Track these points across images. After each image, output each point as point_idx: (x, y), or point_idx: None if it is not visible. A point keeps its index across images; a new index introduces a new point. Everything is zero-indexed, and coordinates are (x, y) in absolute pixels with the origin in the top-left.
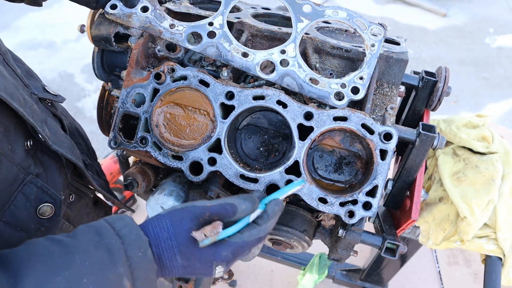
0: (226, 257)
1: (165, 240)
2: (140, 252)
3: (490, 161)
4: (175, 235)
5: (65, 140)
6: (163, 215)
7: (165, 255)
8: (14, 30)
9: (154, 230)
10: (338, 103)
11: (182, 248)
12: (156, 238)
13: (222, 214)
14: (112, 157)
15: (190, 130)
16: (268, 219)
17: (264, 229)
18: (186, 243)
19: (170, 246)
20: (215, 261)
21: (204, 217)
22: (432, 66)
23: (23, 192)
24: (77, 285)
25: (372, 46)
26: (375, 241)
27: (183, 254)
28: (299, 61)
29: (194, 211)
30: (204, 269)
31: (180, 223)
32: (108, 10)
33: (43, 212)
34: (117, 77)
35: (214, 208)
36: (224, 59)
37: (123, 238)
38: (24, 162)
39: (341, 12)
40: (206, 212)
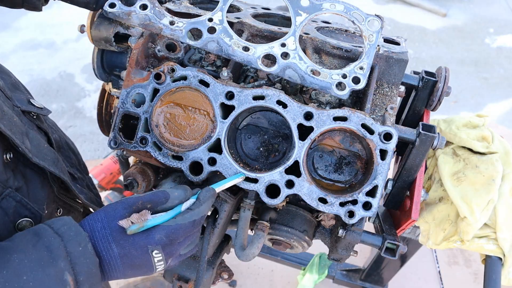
0: (160, 240)
1: (99, 230)
2: (80, 247)
3: (490, 161)
4: (108, 224)
5: (49, 153)
6: (99, 209)
7: (101, 245)
8: (14, 30)
9: (89, 223)
10: (340, 93)
11: (115, 234)
12: (91, 230)
13: (154, 201)
14: (112, 157)
15: (190, 130)
16: (200, 204)
17: (197, 213)
18: (119, 229)
19: (104, 235)
20: (149, 245)
21: (137, 205)
22: (432, 66)
23: (0, 206)
24: (17, 282)
25: (370, 36)
26: (375, 241)
27: (117, 241)
28: (299, 54)
29: (127, 201)
30: (141, 256)
31: (113, 213)
32: (107, 9)
33: (22, 227)
34: (117, 77)
35: (146, 196)
36: (225, 54)
37: (62, 235)
38: (2, 175)
39: (338, 5)
40: (139, 200)
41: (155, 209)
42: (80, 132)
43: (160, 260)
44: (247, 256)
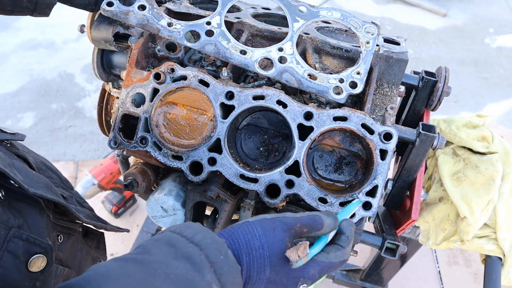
0: (313, 276)
1: (257, 249)
2: (222, 255)
3: (490, 161)
4: (267, 245)
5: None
6: (253, 222)
7: (255, 266)
8: (14, 30)
9: (245, 237)
10: (337, 97)
11: (274, 260)
12: (247, 246)
13: (311, 225)
14: (112, 157)
15: (190, 130)
16: (349, 241)
17: (347, 252)
18: (278, 255)
19: (262, 256)
20: (302, 278)
21: (295, 228)
22: (432, 66)
23: (8, 250)
24: None
25: (367, 43)
26: (375, 241)
27: (273, 267)
28: (297, 58)
29: (285, 221)
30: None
31: (273, 233)
32: (105, 7)
33: (34, 265)
34: (117, 77)
35: (304, 219)
36: (222, 56)
37: (200, 244)
38: (2, 216)
39: (335, 13)
40: (297, 223)
41: (309, 235)
42: (80, 132)
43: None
44: None
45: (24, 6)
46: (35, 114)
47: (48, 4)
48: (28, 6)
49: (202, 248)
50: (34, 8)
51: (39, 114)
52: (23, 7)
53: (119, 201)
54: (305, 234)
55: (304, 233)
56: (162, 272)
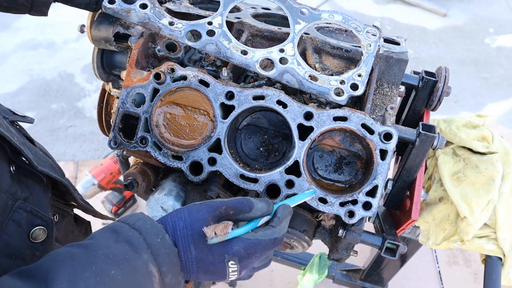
0: (237, 252)
1: (181, 229)
2: (159, 238)
3: (490, 161)
4: (190, 224)
5: (46, 160)
6: (182, 208)
7: (180, 245)
8: (14, 30)
9: (172, 220)
10: (338, 98)
11: (196, 237)
12: (173, 227)
13: (238, 208)
14: (112, 157)
15: (190, 130)
16: (279, 221)
17: (278, 231)
18: (200, 233)
19: (185, 234)
20: (226, 254)
21: (221, 210)
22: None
23: (13, 219)
24: (107, 277)
25: (369, 46)
26: (375, 241)
27: (196, 244)
28: (298, 59)
29: (211, 204)
30: (217, 264)
31: (197, 214)
32: (106, 5)
33: (36, 236)
34: (117, 77)
35: (230, 202)
36: (223, 56)
37: (139, 229)
38: (11, 188)
39: (336, 16)
40: (223, 205)
41: (237, 217)
42: (80, 132)
43: (234, 271)
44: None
45: (20, 3)
46: (35, 114)
47: (45, 3)
48: (24, 4)
49: (141, 232)
50: (31, 6)
51: (39, 114)
52: (19, 4)
53: (119, 201)
54: (232, 217)
55: (231, 215)
56: (102, 253)
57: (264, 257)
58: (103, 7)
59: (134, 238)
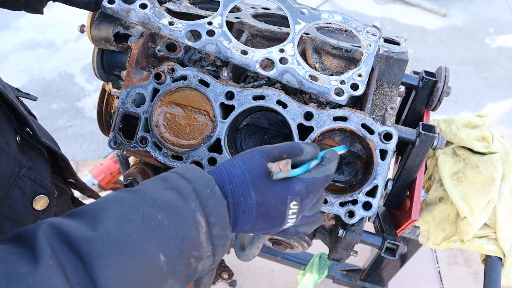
0: (299, 192)
1: (238, 176)
2: (208, 189)
3: (490, 161)
4: (248, 170)
5: (47, 134)
6: (234, 157)
7: (239, 191)
8: (14, 30)
9: (226, 169)
10: (338, 98)
11: (256, 182)
12: (229, 175)
13: (290, 151)
14: (112, 157)
15: (190, 130)
16: (329, 161)
17: (329, 168)
18: (259, 177)
19: (244, 181)
20: (289, 195)
21: (274, 154)
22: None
23: (18, 186)
24: (153, 220)
25: (369, 46)
26: (375, 241)
27: (257, 189)
28: (298, 59)
29: (263, 149)
30: (279, 206)
31: (251, 160)
32: (106, 5)
33: (38, 203)
34: (117, 77)
35: (282, 146)
36: (223, 56)
37: (189, 179)
38: (18, 155)
39: (336, 16)
40: (275, 150)
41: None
42: (80, 132)
43: (294, 213)
44: (247, 256)
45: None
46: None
47: (39, 1)
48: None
49: (191, 182)
50: (26, 2)
51: (39, 114)
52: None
53: None
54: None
55: (284, 159)
56: (150, 198)
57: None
58: (103, 7)
59: (183, 187)
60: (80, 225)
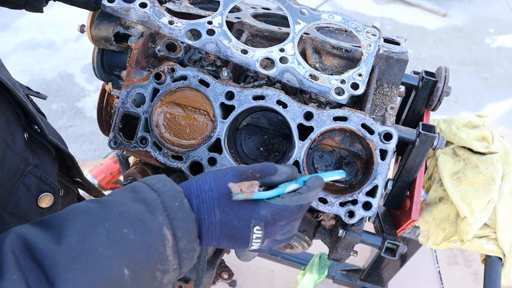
0: (264, 217)
1: (206, 191)
2: (177, 202)
3: (490, 161)
4: (216, 188)
5: (56, 132)
6: (208, 172)
7: (204, 208)
8: (14, 30)
9: (197, 183)
10: (339, 97)
11: (222, 199)
12: (198, 190)
13: (264, 171)
14: (112, 157)
15: (190, 130)
16: (308, 189)
17: (305, 198)
18: (225, 195)
19: (210, 197)
20: (253, 219)
21: (247, 174)
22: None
23: (24, 183)
24: (118, 234)
25: (368, 46)
26: (375, 241)
27: (222, 208)
28: (298, 59)
29: (237, 168)
30: (241, 229)
31: (223, 177)
32: (105, 3)
33: (43, 201)
34: (117, 77)
35: (256, 166)
36: (223, 55)
37: (158, 191)
38: (24, 152)
39: (336, 16)
40: (249, 169)
41: (263, 180)
42: (80, 132)
43: (258, 238)
44: (247, 256)
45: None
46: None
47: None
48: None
49: (160, 194)
50: (26, 1)
51: None
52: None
53: None
54: (259, 180)
55: (258, 179)
56: (117, 210)
57: (288, 229)
58: (103, 6)
59: (152, 199)
60: (45, 236)
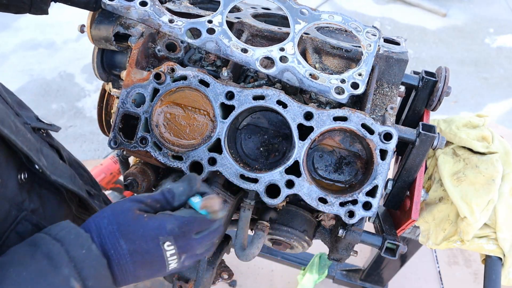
0: (172, 231)
1: (105, 226)
2: (84, 250)
3: (490, 161)
4: (115, 219)
5: (65, 170)
6: (105, 207)
7: (108, 243)
8: (14, 30)
9: (95, 221)
10: (339, 97)
11: (123, 228)
12: (97, 228)
13: (161, 200)
14: (112, 157)
15: (190, 130)
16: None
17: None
18: (127, 223)
19: (111, 231)
20: (161, 236)
21: (146, 202)
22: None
23: (16, 231)
24: None
25: (369, 46)
26: (375, 241)
27: (125, 236)
28: (298, 58)
29: (135, 197)
30: (152, 250)
31: (120, 207)
32: (106, 1)
33: None
34: (117, 77)
35: (154, 195)
36: (223, 54)
37: (62, 240)
38: (17, 197)
39: (336, 17)
40: (148, 199)
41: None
42: (80, 132)
43: (173, 255)
44: (247, 256)
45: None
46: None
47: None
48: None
49: (64, 244)
50: (31, 3)
51: (39, 114)
52: (19, 1)
53: None
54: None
55: (158, 208)
56: (14, 271)
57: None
58: (103, 4)
59: (55, 250)
60: None
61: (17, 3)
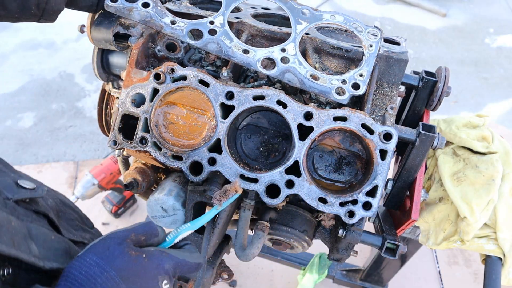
0: (168, 270)
1: (99, 275)
2: None
3: (490, 161)
4: (109, 264)
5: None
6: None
7: None
8: (14, 30)
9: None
10: (340, 98)
11: (124, 273)
12: (88, 279)
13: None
14: (112, 157)
15: (190, 130)
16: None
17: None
18: (126, 267)
19: (108, 277)
20: (159, 276)
21: (131, 238)
22: (432, 66)
23: None
24: None
25: (370, 46)
26: (375, 241)
27: (126, 280)
28: (299, 59)
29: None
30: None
31: (107, 251)
32: (108, 3)
33: None
34: (117, 77)
35: (138, 228)
36: (225, 55)
37: None
38: None
39: (338, 17)
40: (131, 233)
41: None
42: (80, 132)
43: None
44: (247, 256)
45: (32, 13)
46: (35, 114)
47: (56, 11)
48: (36, 13)
49: None
50: (41, 14)
51: (39, 114)
52: (30, 14)
53: (119, 201)
54: (144, 242)
55: (143, 242)
56: None
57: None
58: (105, 5)
59: None
60: None
61: (28, 16)
